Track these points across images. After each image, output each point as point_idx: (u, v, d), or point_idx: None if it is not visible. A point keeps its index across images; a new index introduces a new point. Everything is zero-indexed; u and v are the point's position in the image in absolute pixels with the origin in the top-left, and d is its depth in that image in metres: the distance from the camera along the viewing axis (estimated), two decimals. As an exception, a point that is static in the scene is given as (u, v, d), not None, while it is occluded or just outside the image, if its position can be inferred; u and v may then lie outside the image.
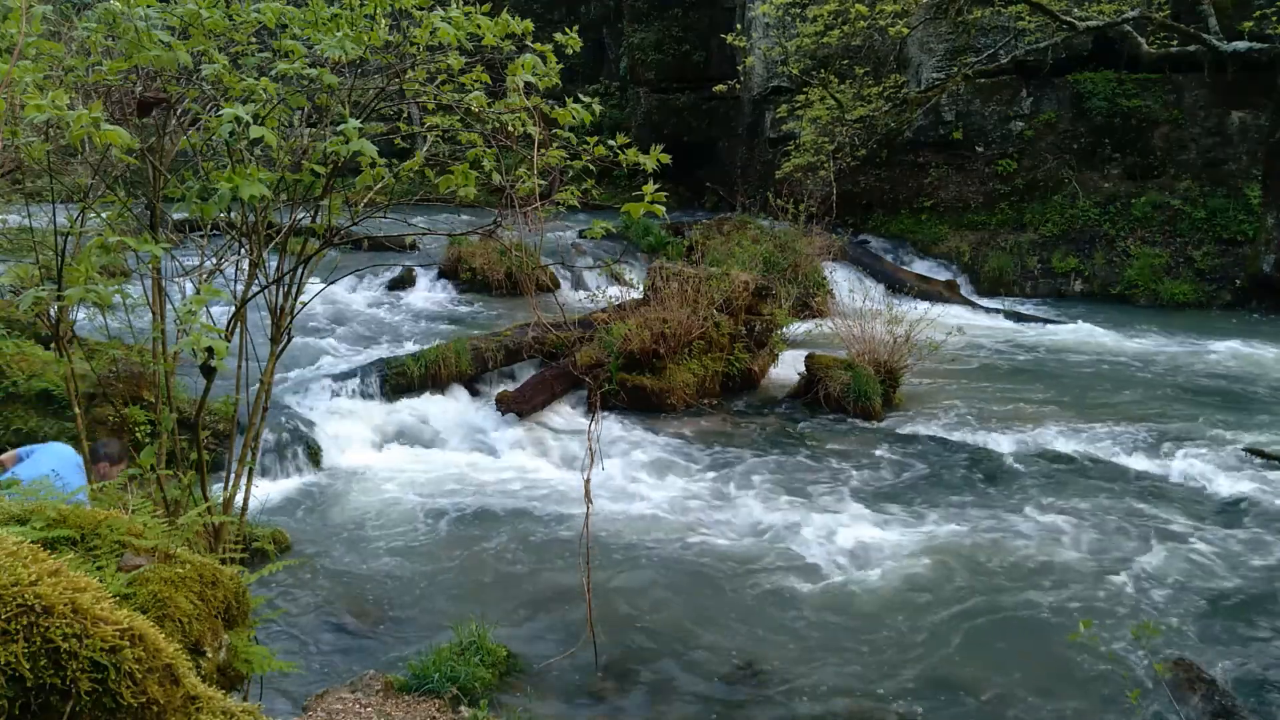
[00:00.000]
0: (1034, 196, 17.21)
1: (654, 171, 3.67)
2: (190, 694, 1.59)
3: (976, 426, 9.27)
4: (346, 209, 3.94)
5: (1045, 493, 7.63)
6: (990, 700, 4.85)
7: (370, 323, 12.54)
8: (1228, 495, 7.58)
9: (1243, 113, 15.96)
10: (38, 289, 2.91)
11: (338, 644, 5.34)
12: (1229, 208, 15.86)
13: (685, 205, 21.30)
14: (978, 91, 17.29)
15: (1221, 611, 5.76)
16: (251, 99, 3.29)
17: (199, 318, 2.69)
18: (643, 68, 22.58)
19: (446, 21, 3.51)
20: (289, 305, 3.78)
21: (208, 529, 3.69)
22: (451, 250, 14.53)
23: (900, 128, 17.27)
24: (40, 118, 2.61)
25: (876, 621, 5.65)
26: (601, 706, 4.78)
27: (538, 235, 4.53)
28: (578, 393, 9.87)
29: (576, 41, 4.11)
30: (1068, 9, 14.50)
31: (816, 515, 7.15)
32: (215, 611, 2.21)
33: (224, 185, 2.91)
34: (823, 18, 15.43)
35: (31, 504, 2.25)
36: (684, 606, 5.81)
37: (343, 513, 7.25)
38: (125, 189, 3.85)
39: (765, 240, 14.42)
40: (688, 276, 10.39)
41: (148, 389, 6.81)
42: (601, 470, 7.37)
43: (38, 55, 3.27)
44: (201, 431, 3.81)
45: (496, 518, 7.18)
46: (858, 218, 18.14)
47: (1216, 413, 9.63)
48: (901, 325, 10.00)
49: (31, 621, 1.38)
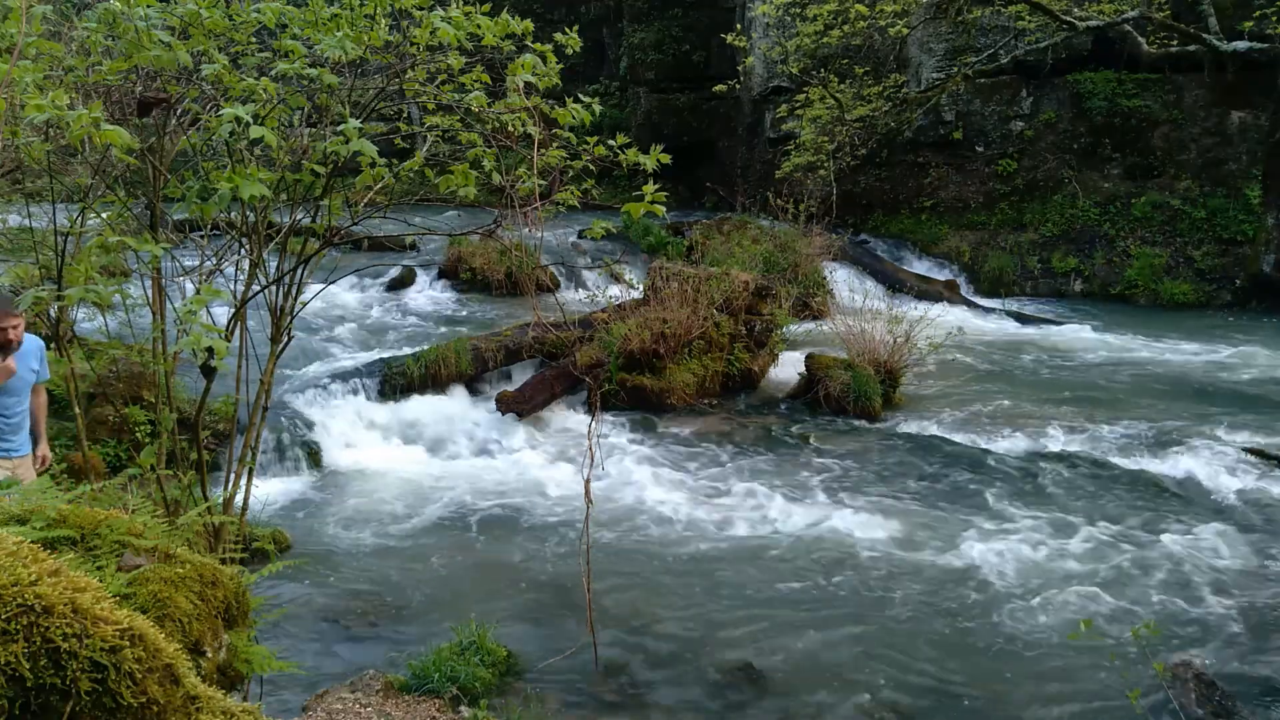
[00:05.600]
0: (1034, 196, 17.21)
1: (654, 171, 3.67)
2: (190, 694, 1.59)
3: (976, 426, 9.27)
4: (346, 209, 3.94)
5: (1045, 492, 7.63)
6: (990, 700, 4.85)
7: (370, 323, 12.55)
8: (1228, 495, 7.58)
9: (1243, 113, 15.96)
10: (38, 289, 2.91)
11: (338, 644, 5.34)
12: (1229, 208, 15.86)
13: (685, 205, 21.29)
14: (978, 91, 17.29)
15: (1222, 612, 5.76)
16: (251, 99, 3.29)
17: (199, 318, 2.69)
18: (643, 68, 22.58)
19: (446, 21, 3.51)
20: (289, 305, 3.78)
21: (208, 529, 3.69)
22: (451, 250, 14.54)
23: (900, 128, 17.27)
24: (40, 118, 2.61)
25: (876, 621, 5.65)
26: (601, 706, 4.78)
27: (538, 235, 4.54)
28: (578, 393, 9.87)
29: (576, 41, 4.11)
30: (1068, 9, 14.50)
31: (816, 515, 7.15)
32: (215, 611, 2.21)
33: (224, 185, 2.91)
34: (823, 17, 15.43)
35: (31, 504, 2.25)
36: (684, 606, 5.81)
37: (343, 513, 7.25)
38: (125, 189, 3.85)
39: (765, 240, 14.43)
40: (688, 276, 10.39)
41: (148, 389, 6.82)
42: (601, 470, 7.39)
43: (38, 55, 3.27)
44: (201, 431, 3.81)
45: (496, 518, 7.18)
46: (858, 218, 18.14)
47: (1216, 413, 9.62)
48: (901, 325, 10.00)
49: (31, 621, 1.38)
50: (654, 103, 22.52)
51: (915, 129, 17.57)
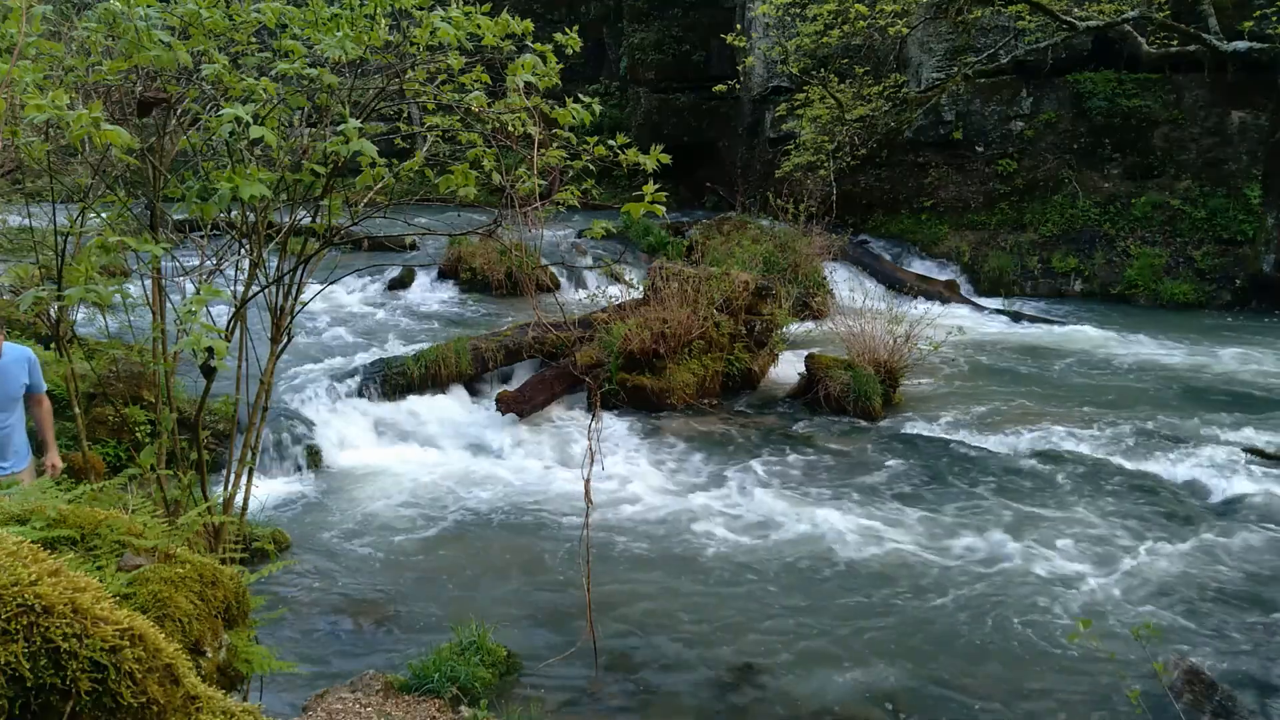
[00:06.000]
0: (1034, 196, 17.21)
1: (654, 171, 3.67)
2: (190, 694, 1.59)
3: (976, 426, 9.27)
4: (346, 209, 3.94)
5: (1045, 493, 7.63)
6: (990, 700, 4.85)
7: (370, 323, 12.55)
8: (1228, 495, 7.58)
9: (1243, 113, 15.96)
10: (38, 289, 2.91)
11: (338, 644, 5.34)
12: (1229, 208, 15.86)
13: (685, 205, 21.30)
14: (978, 91, 17.28)
15: (1221, 611, 5.76)
16: (251, 99, 3.29)
17: (199, 318, 2.69)
18: (643, 68, 22.58)
19: (446, 21, 3.51)
20: (289, 305, 3.78)
21: (208, 529, 3.69)
22: (451, 250, 14.54)
23: (900, 128, 17.27)
24: (40, 118, 2.61)
25: (876, 621, 5.65)
26: (601, 706, 4.78)
27: (538, 235, 4.54)
28: (578, 393, 9.87)
29: (576, 41, 4.11)
30: (1068, 9, 14.50)
31: (816, 515, 7.15)
32: (215, 611, 2.21)
33: (224, 185, 2.91)
34: (823, 17, 15.43)
35: (31, 504, 2.25)
36: (684, 606, 5.81)
37: (343, 513, 7.25)
38: (125, 189, 3.85)
39: (765, 240, 14.42)
40: (688, 276, 10.39)
41: (148, 389, 6.82)
42: (601, 470, 7.37)
43: (38, 55, 3.27)
44: (201, 431, 3.81)
45: (496, 518, 7.18)
46: (858, 218, 18.13)
47: (1216, 413, 9.63)
48: (901, 325, 10.00)
49: (31, 621, 1.38)
50: (654, 103, 22.53)
51: (915, 129, 17.57)
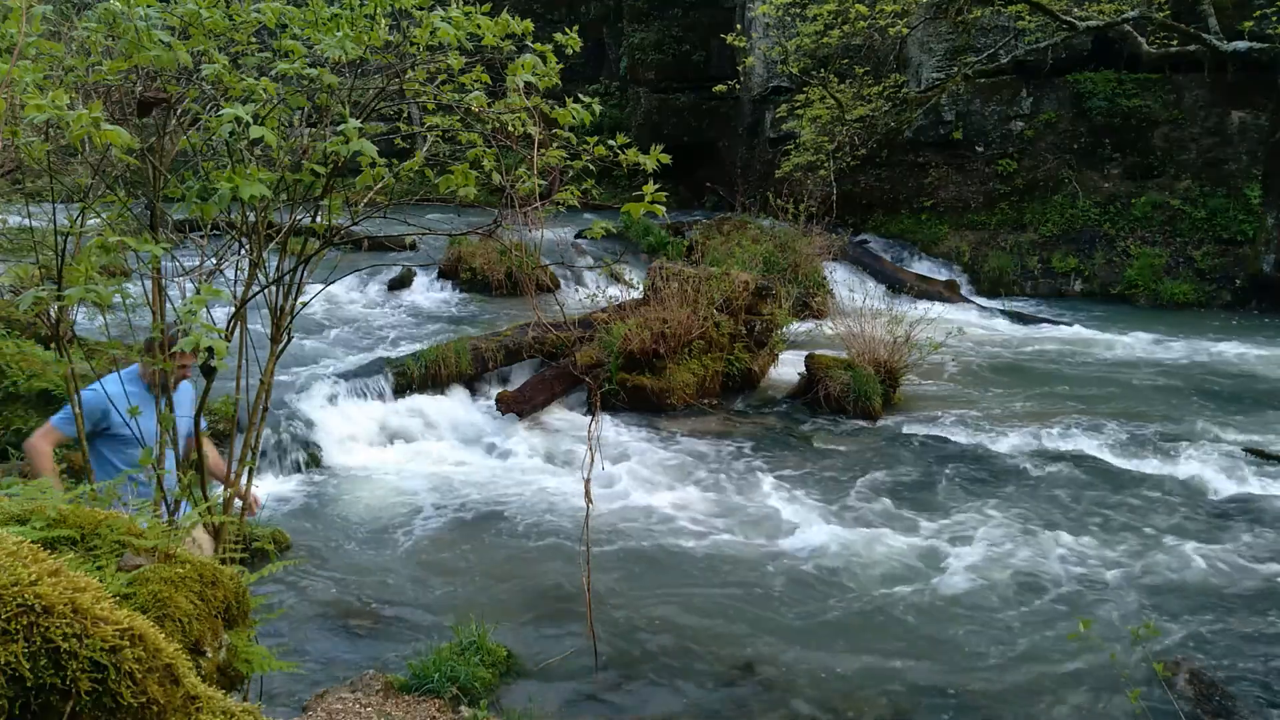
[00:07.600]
0: (1034, 196, 17.21)
1: (654, 171, 3.66)
2: (190, 694, 1.59)
3: (976, 427, 9.27)
4: (346, 209, 3.94)
5: (1045, 493, 7.63)
6: (990, 700, 4.85)
7: (370, 323, 12.55)
8: (1228, 495, 7.58)
9: (1243, 113, 15.96)
10: (38, 289, 2.91)
11: (338, 644, 5.34)
12: (1229, 208, 15.86)
13: (685, 205, 21.30)
14: (978, 91, 17.29)
15: (1222, 611, 5.76)
16: (251, 99, 3.28)
17: (199, 318, 2.69)
18: (643, 68, 22.58)
19: (446, 21, 3.51)
20: (289, 305, 3.78)
21: (208, 529, 3.69)
22: (451, 250, 14.53)
23: (900, 128, 17.27)
24: (40, 118, 2.61)
25: (875, 621, 5.65)
26: (601, 706, 4.78)
27: (538, 235, 4.53)
28: (578, 393, 9.87)
29: (576, 41, 4.10)
30: (1068, 9, 14.50)
31: (816, 515, 7.16)
32: (215, 611, 2.21)
33: (224, 185, 2.91)
34: (823, 17, 15.43)
35: (31, 504, 2.25)
36: (684, 606, 5.81)
37: (343, 512, 7.25)
38: (125, 189, 3.85)
39: (765, 240, 14.42)
40: (688, 276, 10.38)
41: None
42: (601, 470, 7.38)
43: (38, 55, 3.27)
44: (201, 432, 3.80)
45: (496, 518, 7.18)
46: (858, 218, 18.14)
47: (1216, 413, 9.63)
48: (901, 325, 10.00)
49: (31, 621, 1.37)
50: (654, 103, 22.53)
51: (915, 129, 17.57)
